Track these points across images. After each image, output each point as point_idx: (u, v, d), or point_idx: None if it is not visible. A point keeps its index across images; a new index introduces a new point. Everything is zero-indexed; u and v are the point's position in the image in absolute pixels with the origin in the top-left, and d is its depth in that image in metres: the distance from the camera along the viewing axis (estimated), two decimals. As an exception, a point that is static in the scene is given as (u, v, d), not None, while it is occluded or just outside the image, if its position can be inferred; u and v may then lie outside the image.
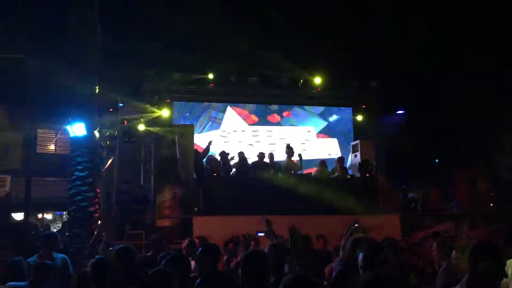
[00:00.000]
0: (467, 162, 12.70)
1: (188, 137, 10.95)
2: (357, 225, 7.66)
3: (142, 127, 11.77)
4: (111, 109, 12.03)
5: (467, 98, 12.50)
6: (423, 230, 9.63)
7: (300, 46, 11.78)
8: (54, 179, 12.44)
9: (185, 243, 5.84)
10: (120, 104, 11.99)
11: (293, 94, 14.36)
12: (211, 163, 10.52)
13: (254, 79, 13.49)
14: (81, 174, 8.62)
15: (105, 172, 10.69)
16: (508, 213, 10.67)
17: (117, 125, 11.09)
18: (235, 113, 14.59)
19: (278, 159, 11.63)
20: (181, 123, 13.18)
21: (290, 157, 11.08)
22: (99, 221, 9.16)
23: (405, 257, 5.89)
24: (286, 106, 15.00)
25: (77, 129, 10.21)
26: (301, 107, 15.13)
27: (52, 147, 13.26)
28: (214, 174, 10.29)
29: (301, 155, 11.15)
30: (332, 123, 15.29)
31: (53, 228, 13.24)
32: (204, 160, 10.85)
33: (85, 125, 8.71)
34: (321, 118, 15.24)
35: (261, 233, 6.76)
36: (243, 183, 10.22)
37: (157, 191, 10.45)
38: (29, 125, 12.06)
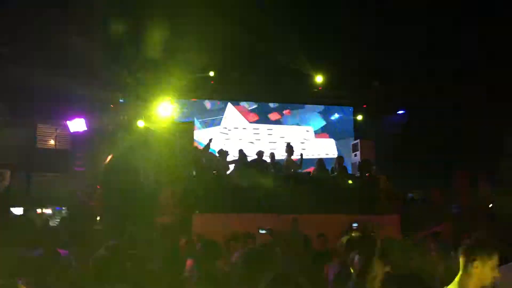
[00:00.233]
0: (468, 163, 12.67)
1: (188, 134, 10.93)
2: (356, 224, 7.64)
3: (142, 123, 11.74)
4: (112, 105, 12.04)
5: (469, 99, 12.47)
6: (422, 230, 9.61)
7: (302, 44, 11.73)
8: (54, 174, 12.44)
9: (182, 242, 5.83)
10: (121, 100, 11.97)
11: (294, 92, 14.34)
12: (210, 161, 10.51)
13: (255, 77, 13.46)
14: (81, 169, 8.62)
15: (105, 168, 10.68)
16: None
17: (118, 122, 11.08)
18: (235, 110, 14.59)
19: (278, 157, 11.65)
20: (181, 120, 13.17)
21: (290, 155, 11.08)
22: (98, 217, 9.16)
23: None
24: (286, 104, 15.01)
25: (77, 124, 10.23)
26: (301, 106, 15.13)
27: (52, 142, 13.24)
28: (214, 172, 10.29)
29: (302, 154, 11.14)
30: (332, 122, 15.30)
31: (52, 223, 13.21)
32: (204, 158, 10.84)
33: (85, 120, 8.73)
34: (321, 117, 15.24)
35: (263, 231, 6.78)
36: (242, 182, 10.18)
37: (157, 188, 10.43)
38: (29, 120, 12.05)
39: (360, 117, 15.05)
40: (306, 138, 14.82)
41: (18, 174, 11.72)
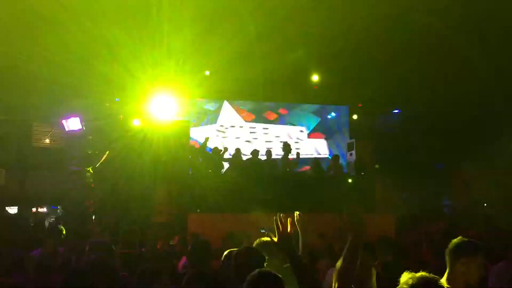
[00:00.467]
0: (464, 163, 12.73)
1: (184, 133, 10.93)
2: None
3: (137, 122, 11.72)
4: (107, 104, 12.02)
5: (465, 98, 12.51)
6: (417, 230, 9.66)
7: (298, 43, 11.73)
8: (49, 173, 12.41)
9: (176, 240, 5.85)
10: (116, 99, 11.96)
11: (290, 91, 14.32)
12: (206, 160, 10.53)
13: (251, 76, 13.42)
14: (76, 168, 8.63)
15: (100, 167, 10.67)
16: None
17: (113, 120, 11.07)
18: (231, 108, 14.59)
19: (274, 157, 11.68)
20: (176, 119, 13.14)
21: (287, 154, 11.11)
22: (94, 215, 9.16)
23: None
24: (282, 104, 15.01)
25: (72, 123, 10.22)
26: (297, 105, 15.14)
27: (47, 141, 13.21)
28: (209, 171, 10.31)
29: (298, 154, 11.17)
30: (328, 121, 15.31)
31: (47, 222, 13.19)
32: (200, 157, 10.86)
33: (80, 119, 8.72)
34: (317, 116, 15.25)
35: (263, 230, 6.78)
36: (238, 181, 10.20)
37: (152, 187, 10.42)
38: (25, 119, 12.03)
39: (356, 116, 15.06)
40: (300, 138, 14.84)
41: (13, 173, 11.70)
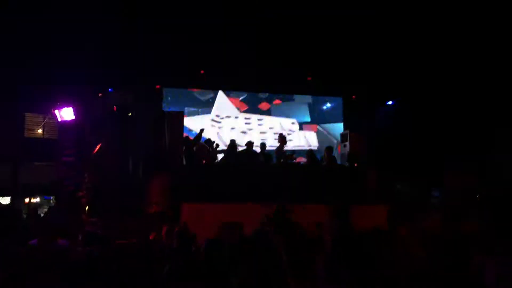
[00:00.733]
0: (457, 156, 12.78)
1: (177, 123, 10.88)
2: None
3: (131, 113, 11.65)
4: (100, 94, 11.94)
5: (460, 91, 12.55)
6: (409, 222, 9.69)
7: (291, 35, 11.71)
8: (41, 163, 12.35)
9: (164, 230, 5.86)
10: (110, 90, 11.88)
11: (283, 82, 14.30)
12: (200, 150, 10.49)
13: (245, 68, 13.39)
14: (69, 158, 8.58)
15: (93, 157, 10.61)
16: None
17: (106, 111, 11.00)
18: (226, 98, 14.57)
19: (268, 148, 11.71)
20: (170, 109, 13.11)
21: (282, 145, 11.12)
22: (87, 206, 9.12)
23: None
24: (276, 95, 15.01)
25: (65, 113, 10.14)
26: (291, 96, 15.15)
27: (40, 131, 13.12)
28: (203, 162, 10.28)
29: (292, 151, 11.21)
30: (321, 112, 15.34)
31: (40, 212, 13.15)
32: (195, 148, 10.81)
33: (73, 109, 8.66)
34: (311, 108, 15.26)
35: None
36: (232, 171, 10.20)
37: (146, 177, 10.40)
38: (17, 109, 11.94)
39: (350, 108, 15.07)
40: (291, 129, 14.88)
41: (6, 164, 11.63)
